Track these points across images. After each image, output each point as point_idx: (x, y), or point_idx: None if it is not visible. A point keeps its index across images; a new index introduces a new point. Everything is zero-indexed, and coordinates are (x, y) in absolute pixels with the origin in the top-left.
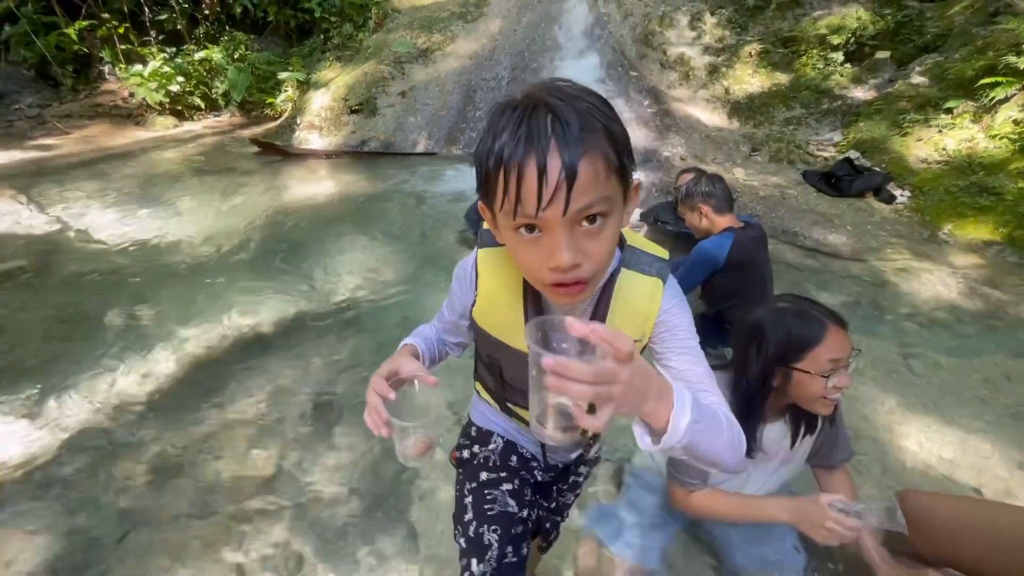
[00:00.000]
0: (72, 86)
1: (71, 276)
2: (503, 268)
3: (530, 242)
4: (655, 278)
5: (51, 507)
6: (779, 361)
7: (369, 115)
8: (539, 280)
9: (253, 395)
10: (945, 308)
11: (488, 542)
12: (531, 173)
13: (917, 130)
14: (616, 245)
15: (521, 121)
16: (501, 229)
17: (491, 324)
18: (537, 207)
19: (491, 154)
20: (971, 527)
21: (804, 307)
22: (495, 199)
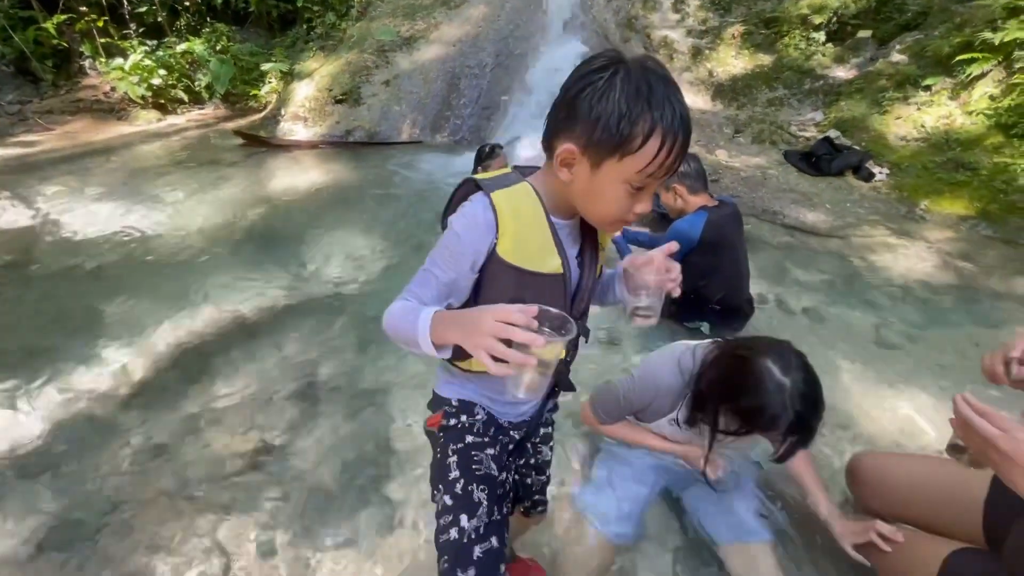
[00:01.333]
0: (52, 81)
1: (56, 270)
2: (522, 202)
3: (630, 194)
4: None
5: (37, 491)
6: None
7: (353, 105)
8: (618, 219)
9: (237, 381)
10: (919, 281)
11: (478, 499)
12: (678, 149)
13: (896, 108)
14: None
15: (668, 94)
16: (603, 176)
17: (523, 256)
18: (673, 170)
19: (643, 115)
20: (921, 483)
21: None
22: (635, 158)
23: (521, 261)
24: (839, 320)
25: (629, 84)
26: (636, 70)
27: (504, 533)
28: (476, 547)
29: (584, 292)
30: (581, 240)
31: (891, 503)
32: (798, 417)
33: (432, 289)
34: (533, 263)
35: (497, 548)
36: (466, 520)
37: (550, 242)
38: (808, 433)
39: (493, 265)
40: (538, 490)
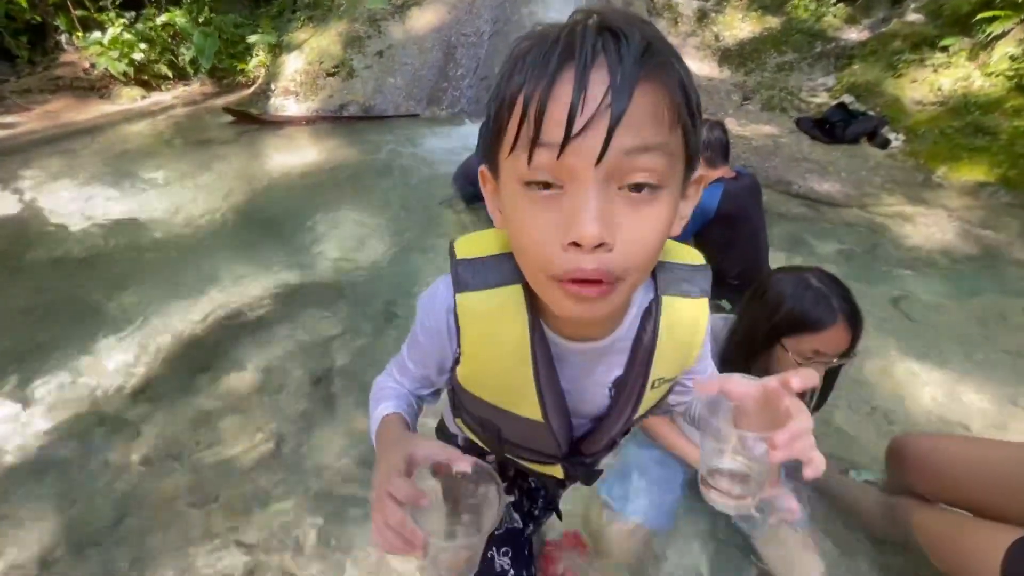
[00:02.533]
0: (28, 58)
1: (48, 259)
2: (498, 315)
3: (542, 203)
4: (700, 299)
5: (46, 493)
6: (774, 328)
7: (346, 77)
8: (545, 269)
9: (246, 370)
10: (939, 251)
11: (501, 568)
12: (562, 91)
13: (912, 71)
14: (664, 241)
15: (559, 36)
16: (504, 193)
17: (488, 392)
18: (565, 137)
19: (508, 81)
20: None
21: (827, 289)
22: (504, 137)
23: (486, 394)
24: (858, 292)
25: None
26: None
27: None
28: None
29: (602, 436)
30: (627, 364)
31: (940, 486)
32: (842, 298)
33: (410, 377)
34: (502, 401)
35: None
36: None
37: (529, 383)
38: (858, 316)
39: (458, 384)
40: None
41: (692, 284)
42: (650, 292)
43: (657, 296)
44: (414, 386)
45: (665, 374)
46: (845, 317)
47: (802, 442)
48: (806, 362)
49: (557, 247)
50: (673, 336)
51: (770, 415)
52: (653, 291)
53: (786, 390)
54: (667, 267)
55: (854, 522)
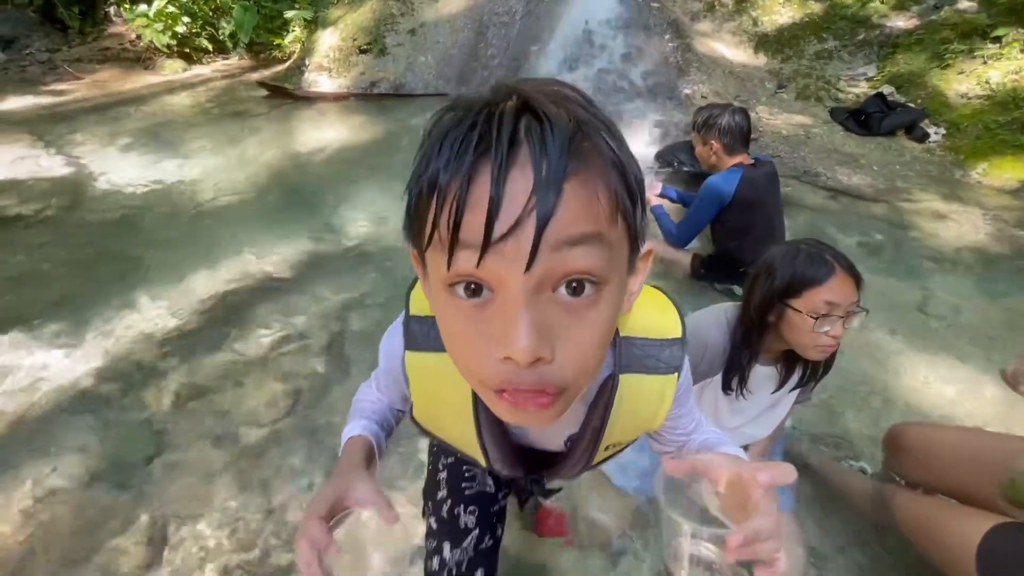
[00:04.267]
0: (79, 29)
1: (92, 218)
2: (442, 379)
3: (470, 312)
4: (666, 376)
5: (88, 427)
6: (778, 295)
7: (378, 55)
8: (480, 381)
9: (270, 331)
10: (970, 250)
11: (465, 525)
12: (480, 189)
13: (960, 62)
14: (611, 338)
15: (477, 120)
16: (432, 288)
17: (441, 434)
18: (484, 244)
19: (426, 169)
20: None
21: (819, 249)
22: (423, 234)
23: (442, 437)
24: (882, 288)
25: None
26: (461, 102)
27: (495, 561)
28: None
29: (561, 472)
30: (581, 427)
31: (931, 474)
32: (834, 254)
33: (384, 393)
34: (457, 445)
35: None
36: (448, 550)
37: (472, 437)
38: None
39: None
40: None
41: (659, 360)
42: (607, 368)
43: (615, 374)
44: (392, 399)
45: (620, 440)
46: (843, 267)
47: (762, 545)
48: (823, 319)
49: (490, 359)
50: (631, 412)
51: (742, 497)
52: (612, 367)
53: (758, 482)
54: (633, 343)
55: (843, 505)
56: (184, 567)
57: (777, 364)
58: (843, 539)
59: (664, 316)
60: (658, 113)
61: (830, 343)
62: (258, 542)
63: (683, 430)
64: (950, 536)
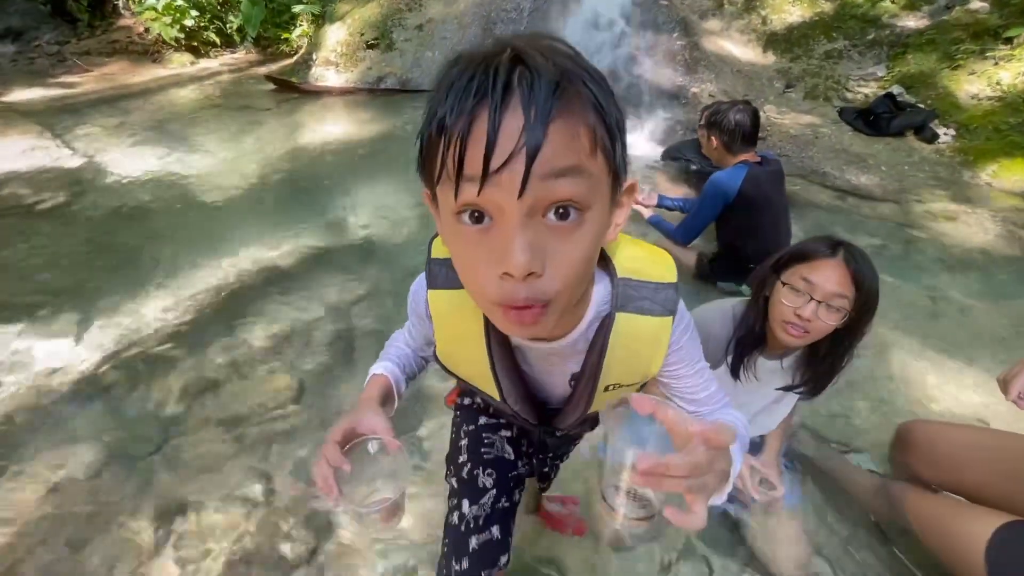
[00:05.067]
0: (88, 22)
1: (100, 210)
2: (459, 312)
3: (475, 237)
4: (661, 317)
5: (96, 415)
6: (772, 266)
7: (385, 50)
8: (484, 296)
9: (275, 322)
10: (979, 252)
11: (483, 485)
12: (479, 128)
13: (971, 62)
14: (596, 257)
15: (476, 72)
16: (443, 221)
17: (460, 371)
18: (483, 176)
19: (434, 115)
20: (975, 454)
21: (837, 240)
22: (433, 172)
23: (460, 374)
24: (890, 289)
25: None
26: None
27: (510, 523)
28: (473, 537)
29: (567, 417)
30: (583, 365)
31: (942, 471)
32: (851, 250)
33: (413, 338)
34: (473, 381)
35: (498, 539)
36: (467, 506)
37: (486, 370)
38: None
39: (439, 361)
40: (551, 470)
41: (654, 302)
42: (606, 307)
43: (612, 311)
44: (418, 345)
45: (620, 380)
46: (844, 259)
47: (669, 480)
48: (796, 295)
49: (491, 276)
50: (626, 349)
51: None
52: (610, 305)
53: (705, 441)
54: (630, 284)
55: (848, 502)
56: (191, 555)
57: (782, 360)
58: (850, 536)
59: (659, 265)
60: (665, 111)
61: (794, 322)
62: (264, 533)
63: (691, 391)
64: (959, 534)
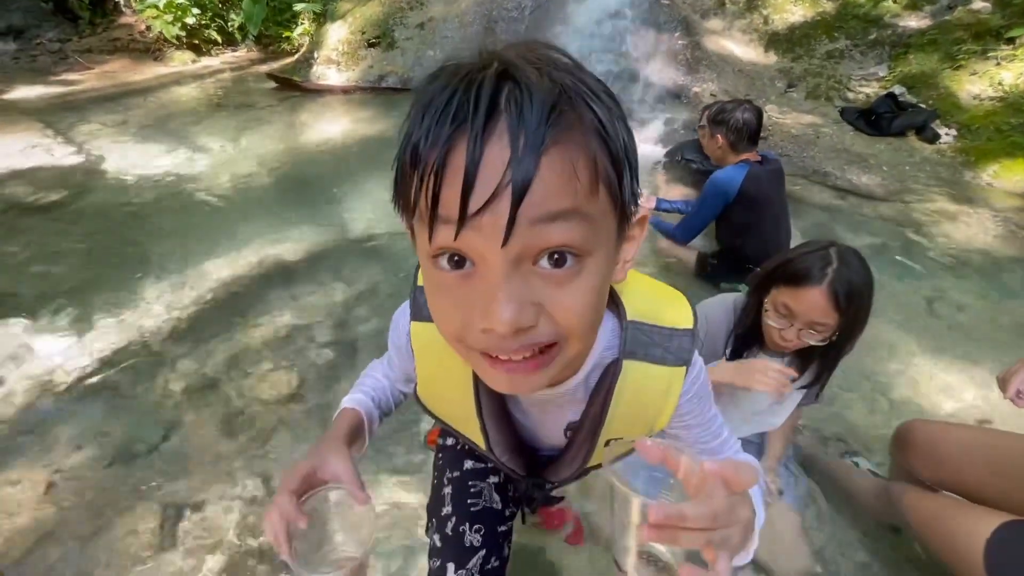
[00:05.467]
0: (90, 19)
1: (102, 207)
2: (444, 349)
3: (454, 284)
4: (674, 367)
5: (99, 412)
6: (764, 277)
7: (387, 49)
8: (467, 345)
9: (278, 320)
10: (979, 252)
11: (470, 544)
12: (456, 162)
13: (972, 63)
14: (603, 302)
15: (457, 90)
16: (421, 260)
17: (442, 413)
18: (460, 218)
19: (408, 140)
20: (975, 453)
21: (835, 260)
22: (408, 205)
23: (442, 416)
24: (890, 289)
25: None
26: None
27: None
28: None
29: (561, 470)
30: (581, 416)
31: (941, 471)
32: (843, 274)
33: (392, 370)
34: (457, 425)
35: None
36: (453, 570)
37: (472, 415)
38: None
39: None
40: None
41: (667, 350)
42: (612, 353)
43: (619, 359)
44: (397, 378)
45: (621, 435)
46: (830, 288)
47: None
48: (778, 318)
49: (474, 328)
50: (633, 401)
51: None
52: (617, 351)
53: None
54: (640, 328)
55: (848, 503)
56: (194, 549)
57: (784, 357)
58: (850, 537)
59: (675, 308)
60: (667, 111)
61: (779, 342)
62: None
63: (702, 441)
64: (958, 533)
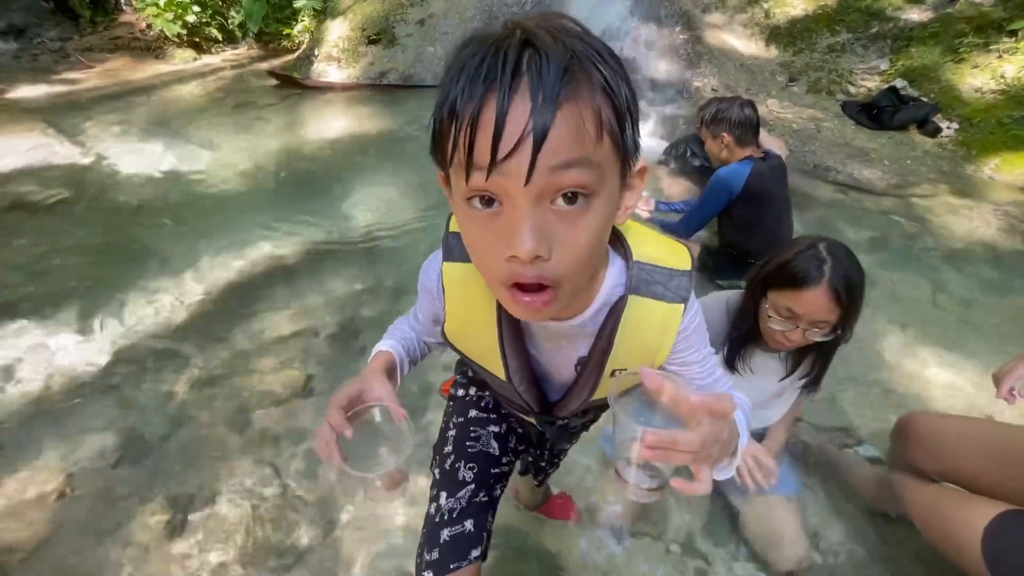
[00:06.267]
0: (91, 18)
1: (105, 206)
2: (472, 286)
3: (484, 220)
4: (673, 304)
5: (107, 408)
6: (761, 279)
7: (387, 45)
8: (495, 278)
9: (281, 317)
10: (981, 245)
11: (462, 478)
12: (488, 116)
13: (974, 56)
14: (604, 241)
15: (486, 55)
16: (455, 203)
17: (467, 348)
18: (491, 162)
19: (445, 99)
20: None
21: (829, 257)
22: (445, 155)
23: (467, 352)
24: (891, 282)
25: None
26: (476, 37)
27: (486, 518)
28: (446, 529)
29: (570, 403)
30: (590, 349)
31: (940, 462)
32: (839, 270)
33: (419, 323)
34: (481, 360)
35: (471, 533)
36: (444, 498)
37: (495, 346)
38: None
39: (447, 339)
40: (548, 466)
41: (667, 288)
42: (620, 288)
43: (625, 294)
44: (423, 331)
45: (626, 366)
46: (830, 286)
47: (677, 454)
48: (782, 321)
49: (500, 258)
50: (636, 334)
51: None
52: (624, 288)
53: (707, 411)
54: (643, 268)
55: (848, 493)
56: (203, 543)
57: (780, 352)
58: (849, 527)
59: (676, 253)
60: (667, 106)
61: (783, 342)
62: (275, 520)
63: (698, 378)
64: (956, 523)
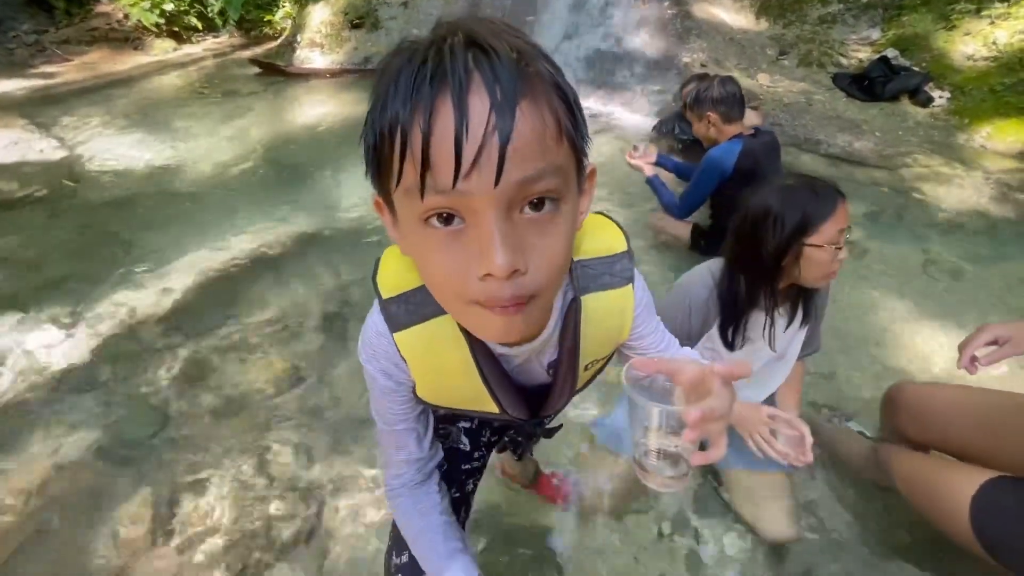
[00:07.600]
0: (66, 10)
1: (88, 200)
2: (435, 343)
3: (445, 239)
4: (623, 288)
5: (91, 405)
6: (795, 236)
7: (371, 30)
8: (461, 297)
9: (268, 307)
10: (973, 214)
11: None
12: (443, 121)
13: (967, 22)
14: (571, 246)
15: (427, 57)
16: (404, 229)
17: (451, 401)
18: (455, 174)
19: (384, 112)
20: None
21: (812, 183)
22: (390, 176)
23: (451, 403)
24: (884, 253)
25: (380, 73)
26: (408, 46)
27: (458, 516)
28: None
29: (553, 403)
30: (559, 354)
31: (930, 431)
32: (827, 185)
33: (406, 450)
34: (467, 405)
35: None
36: None
37: (483, 392)
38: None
39: (421, 400)
40: (525, 449)
41: (613, 275)
42: (569, 292)
43: (576, 296)
44: (419, 453)
45: (596, 356)
46: (840, 193)
47: (715, 424)
48: (835, 250)
49: (468, 279)
50: (599, 327)
51: (699, 396)
52: (572, 291)
53: (718, 376)
54: (587, 265)
55: (838, 465)
56: (190, 538)
57: (779, 310)
58: (839, 499)
59: (607, 235)
60: (657, 82)
61: (835, 268)
62: (262, 515)
63: (654, 348)
64: (944, 491)
